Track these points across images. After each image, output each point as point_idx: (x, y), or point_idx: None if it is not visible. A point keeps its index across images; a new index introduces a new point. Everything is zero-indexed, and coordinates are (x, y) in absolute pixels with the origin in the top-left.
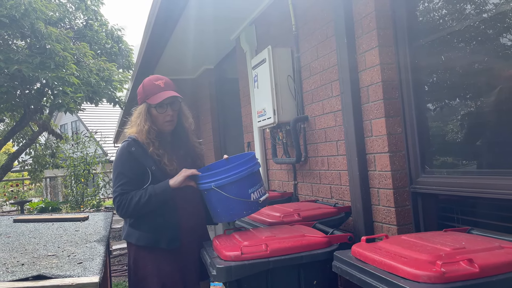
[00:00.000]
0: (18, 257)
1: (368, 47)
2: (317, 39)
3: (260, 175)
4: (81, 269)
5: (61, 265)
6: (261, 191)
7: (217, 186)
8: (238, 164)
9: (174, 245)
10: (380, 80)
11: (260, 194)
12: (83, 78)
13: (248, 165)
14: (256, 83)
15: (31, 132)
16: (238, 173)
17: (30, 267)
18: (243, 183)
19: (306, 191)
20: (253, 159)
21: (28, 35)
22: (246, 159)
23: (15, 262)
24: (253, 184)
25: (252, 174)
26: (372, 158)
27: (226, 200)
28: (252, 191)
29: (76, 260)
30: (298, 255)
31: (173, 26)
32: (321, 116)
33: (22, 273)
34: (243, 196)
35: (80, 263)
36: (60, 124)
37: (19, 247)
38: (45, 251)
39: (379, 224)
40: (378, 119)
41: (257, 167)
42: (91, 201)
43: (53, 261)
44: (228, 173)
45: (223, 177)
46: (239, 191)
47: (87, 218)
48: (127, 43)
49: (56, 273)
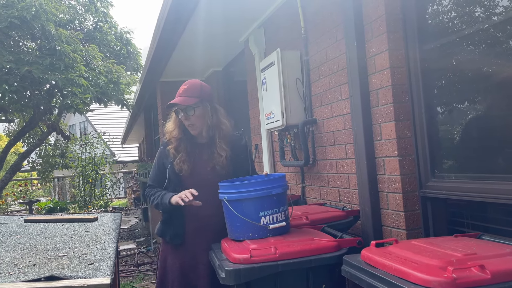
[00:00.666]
0: (29, 257)
1: (378, 50)
2: (327, 42)
3: (281, 200)
4: (92, 270)
5: (72, 266)
6: (277, 217)
7: (228, 199)
8: (254, 182)
9: (176, 241)
10: (390, 84)
11: (274, 221)
12: (92, 79)
13: (265, 186)
14: (264, 86)
15: (41, 133)
16: (249, 192)
17: (42, 267)
18: (253, 204)
19: (314, 194)
20: (276, 181)
21: (39, 36)
22: (265, 180)
23: (26, 262)
24: (267, 208)
25: (268, 197)
26: (381, 162)
27: (234, 216)
28: (264, 215)
29: (87, 261)
30: (307, 258)
31: (182, 30)
32: (330, 119)
33: (34, 273)
34: (251, 217)
35: (91, 264)
36: (69, 125)
37: (30, 248)
38: (56, 251)
39: (388, 228)
40: (388, 123)
41: (276, 190)
42: (98, 202)
43: (64, 262)
44: (239, 189)
45: (233, 191)
46: (248, 211)
47: (97, 219)
48: (135, 46)
49: (67, 274)
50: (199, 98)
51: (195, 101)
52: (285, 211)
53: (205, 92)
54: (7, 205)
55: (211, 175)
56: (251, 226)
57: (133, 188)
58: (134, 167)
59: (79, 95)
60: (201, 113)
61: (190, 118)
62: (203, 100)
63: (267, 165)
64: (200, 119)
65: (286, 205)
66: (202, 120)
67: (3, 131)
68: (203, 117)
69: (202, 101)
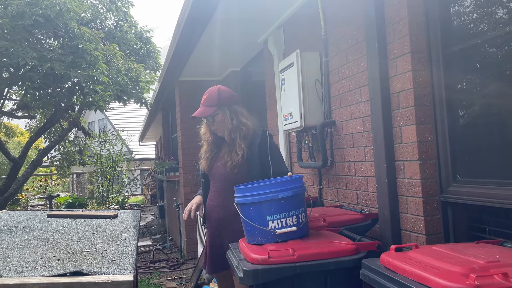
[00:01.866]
0: (53, 252)
1: (400, 53)
2: (347, 44)
3: (292, 204)
4: (115, 267)
5: (95, 262)
6: (287, 222)
7: (237, 203)
8: (261, 186)
9: (204, 224)
10: (411, 87)
11: (283, 225)
12: (112, 77)
13: (270, 189)
14: (283, 87)
15: (61, 129)
16: (254, 195)
17: (66, 262)
18: (259, 208)
19: (331, 196)
20: (284, 185)
21: (61, 35)
22: (272, 183)
23: (51, 257)
24: (276, 212)
25: (274, 201)
26: (401, 165)
27: (244, 220)
28: (272, 219)
29: (109, 257)
30: (326, 261)
31: (202, 30)
32: (349, 121)
33: (59, 268)
34: (259, 221)
35: (114, 260)
36: (88, 122)
37: (54, 242)
38: (79, 247)
39: (406, 232)
40: (409, 126)
41: (285, 193)
42: (116, 198)
43: (87, 257)
44: (245, 192)
45: (241, 195)
46: (255, 215)
47: (117, 216)
48: (155, 45)
49: (91, 269)
50: (217, 106)
51: (213, 110)
52: (297, 215)
53: (222, 98)
54: (27, 200)
55: (222, 171)
56: (259, 230)
57: (150, 185)
58: (151, 164)
59: (100, 92)
60: (221, 118)
61: (213, 124)
62: (220, 106)
63: None
64: (221, 124)
65: (302, 208)
66: (223, 124)
67: (25, 127)
68: (223, 122)
69: (220, 108)
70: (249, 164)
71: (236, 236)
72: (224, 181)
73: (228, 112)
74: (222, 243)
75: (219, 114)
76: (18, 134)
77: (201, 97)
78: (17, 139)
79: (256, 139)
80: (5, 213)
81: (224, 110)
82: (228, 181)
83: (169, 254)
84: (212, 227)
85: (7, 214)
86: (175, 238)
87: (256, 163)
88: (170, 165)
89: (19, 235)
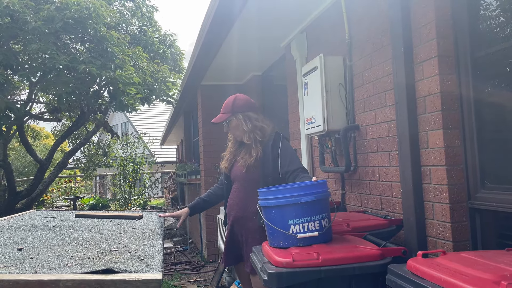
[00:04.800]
0: (83, 250)
1: (427, 56)
2: (372, 48)
3: (314, 208)
4: (144, 266)
5: (124, 261)
6: (309, 227)
7: (260, 206)
8: (284, 189)
9: (225, 225)
10: (438, 91)
11: (305, 230)
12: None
13: (293, 193)
14: (306, 91)
15: (86, 132)
16: (277, 199)
17: (96, 260)
18: (281, 212)
19: (354, 201)
20: (307, 189)
21: (88, 39)
22: (296, 187)
23: (81, 255)
24: (298, 216)
25: (297, 205)
26: (427, 171)
27: (266, 223)
28: (294, 223)
29: (138, 256)
30: (351, 266)
31: (225, 35)
32: (373, 125)
33: (89, 266)
34: (280, 225)
35: (142, 259)
36: (111, 125)
37: (83, 241)
38: (107, 246)
39: (432, 239)
40: (435, 131)
41: (307, 198)
42: (138, 200)
43: (116, 256)
44: (268, 195)
45: (264, 198)
46: (277, 218)
47: (142, 217)
48: (178, 48)
49: (121, 267)
50: (231, 112)
51: (227, 117)
52: (320, 220)
53: (236, 105)
54: (52, 201)
55: (239, 171)
56: (281, 233)
57: (171, 188)
58: (172, 167)
59: (131, 94)
60: (235, 124)
61: (230, 130)
62: (234, 113)
63: None
64: (235, 129)
65: (325, 213)
66: (238, 129)
67: (51, 130)
68: (238, 127)
69: (234, 114)
70: (263, 164)
71: (251, 235)
72: (241, 181)
73: (241, 117)
74: (238, 240)
75: (232, 120)
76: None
77: (223, 101)
78: (42, 141)
79: (270, 141)
80: (34, 213)
81: (237, 116)
82: (245, 181)
83: (189, 256)
84: (231, 224)
85: (37, 214)
86: (196, 240)
87: (268, 163)
88: (191, 168)
89: (49, 233)
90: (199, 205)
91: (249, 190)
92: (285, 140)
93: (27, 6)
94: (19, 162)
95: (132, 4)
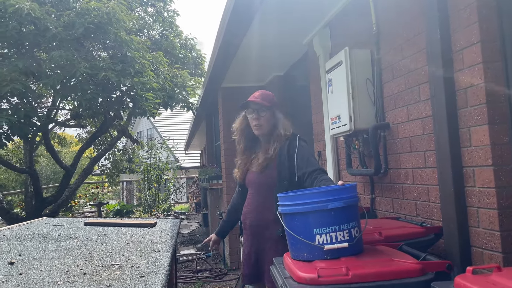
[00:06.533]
0: (82, 264)
1: (468, 43)
2: (402, 38)
3: (343, 216)
4: (143, 284)
5: (123, 278)
6: (337, 237)
7: (281, 213)
8: (307, 194)
9: (241, 234)
10: (482, 81)
11: (332, 240)
12: (159, 84)
13: (319, 198)
14: (330, 88)
15: (110, 138)
16: (299, 205)
17: (91, 277)
18: (304, 219)
19: (385, 206)
20: (335, 193)
21: (110, 45)
22: (322, 191)
23: (78, 270)
24: (324, 225)
25: (323, 212)
26: (470, 172)
27: (287, 232)
28: (320, 233)
29: (139, 272)
30: (387, 283)
31: (245, 31)
32: (406, 123)
33: (82, 285)
34: (304, 235)
35: (143, 276)
36: (136, 132)
37: (85, 253)
38: (110, 259)
39: (478, 249)
40: (479, 127)
41: (335, 204)
42: (162, 206)
43: (116, 271)
44: (289, 201)
45: (285, 203)
46: (300, 227)
47: (155, 225)
48: (199, 51)
49: (114, 285)
50: (270, 104)
51: (268, 106)
52: (350, 229)
53: (274, 102)
54: (80, 206)
55: (254, 177)
56: (305, 244)
57: (195, 193)
58: (196, 172)
59: (150, 99)
60: (269, 117)
61: (260, 119)
62: (272, 107)
63: (331, 173)
64: (266, 121)
65: (355, 222)
66: (267, 123)
67: (76, 137)
68: (267, 121)
69: (271, 108)
70: (278, 166)
71: (268, 244)
72: (255, 186)
73: (274, 114)
74: (255, 251)
75: (270, 112)
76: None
77: None
78: (72, 148)
79: (286, 142)
80: (44, 221)
81: (272, 111)
82: (259, 185)
83: (212, 263)
84: (246, 233)
85: (46, 222)
86: (219, 247)
87: (284, 165)
88: (213, 172)
89: (51, 244)
90: (225, 228)
91: (264, 195)
92: (301, 141)
93: (48, 13)
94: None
95: (153, 10)
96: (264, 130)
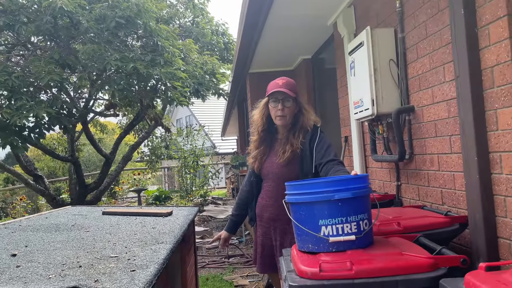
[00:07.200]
0: (81, 256)
1: (494, 17)
2: (426, 14)
3: (352, 207)
4: (128, 279)
5: (114, 272)
6: (344, 229)
7: (287, 201)
8: (314, 183)
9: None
10: (510, 59)
11: (338, 232)
12: (189, 72)
13: (325, 188)
14: (352, 70)
15: (148, 126)
16: (305, 194)
17: (85, 270)
18: (310, 209)
19: (411, 194)
20: (342, 183)
21: (141, 34)
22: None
23: (75, 262)
24: (331, 216)
25: (329, 202)
26: (497, 158)
27: (293, 222)
28: (325, 224)
29: (133, 266)
30: (392, 279)
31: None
32: (431, 106)
33: (71, 278)
34: (310, 225)
35: (133, 270)
36: (176, 119)
37: (90, 244)
38: (111, 250)
39: (505, 241)
40: (507, 108)
41: (342, 194)
42: (198, 191)
43: (110, 265)
44: (295, 190)
45: (291, 192)
46: (305, 217)
47: (171, 213)
48: (230, 36)
49: (103, 280)
50: (295, 94)
51: (294, 96)
52: (358, 221)
53: (297, 90)
54: (123, 192)
55: (274, 168)
56: (310, 235)
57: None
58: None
59: (179, 88)
60: (294, 107)
61: (285, 109)
62: (296, 97)
63: (357, 159)
64: (291, 111)
65: (365, 214)
66: (291, 114)
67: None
68: (292, 112)
69: (296, 99)
70: (302, 160)
71: (287, 238)
72: (275, 178)
73: (299, 104)
74: (272, 244)
75: (293, 103)
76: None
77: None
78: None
79: (309, 135)
80: (65, 210)
81: (296, 101)
82: (281, 179)
83: (244, 249)
84: (264, 226)
85: (67, 211)
86: (252, 232)
87: (307, 159)
88: (243, 159)
89: (61, 235)
90: (235, 222)
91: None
92: (323, 134)
93: (80, 6)
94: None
95: None
96: (287, 121)
